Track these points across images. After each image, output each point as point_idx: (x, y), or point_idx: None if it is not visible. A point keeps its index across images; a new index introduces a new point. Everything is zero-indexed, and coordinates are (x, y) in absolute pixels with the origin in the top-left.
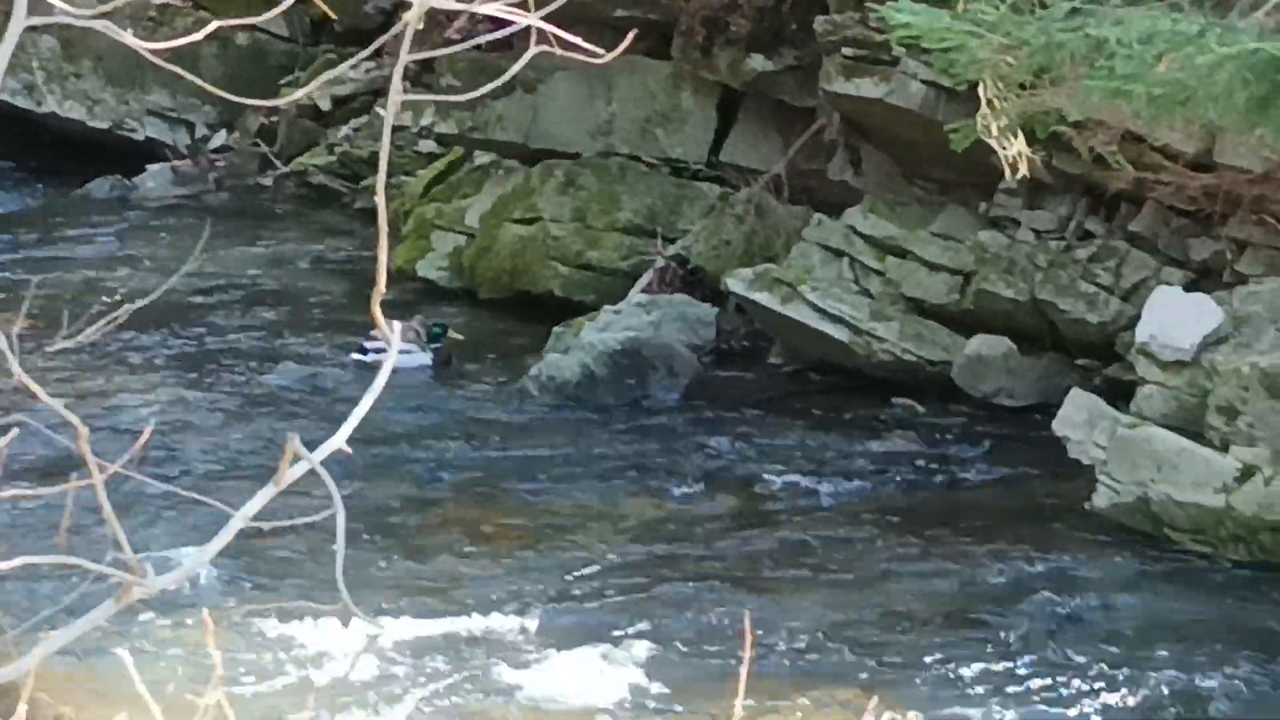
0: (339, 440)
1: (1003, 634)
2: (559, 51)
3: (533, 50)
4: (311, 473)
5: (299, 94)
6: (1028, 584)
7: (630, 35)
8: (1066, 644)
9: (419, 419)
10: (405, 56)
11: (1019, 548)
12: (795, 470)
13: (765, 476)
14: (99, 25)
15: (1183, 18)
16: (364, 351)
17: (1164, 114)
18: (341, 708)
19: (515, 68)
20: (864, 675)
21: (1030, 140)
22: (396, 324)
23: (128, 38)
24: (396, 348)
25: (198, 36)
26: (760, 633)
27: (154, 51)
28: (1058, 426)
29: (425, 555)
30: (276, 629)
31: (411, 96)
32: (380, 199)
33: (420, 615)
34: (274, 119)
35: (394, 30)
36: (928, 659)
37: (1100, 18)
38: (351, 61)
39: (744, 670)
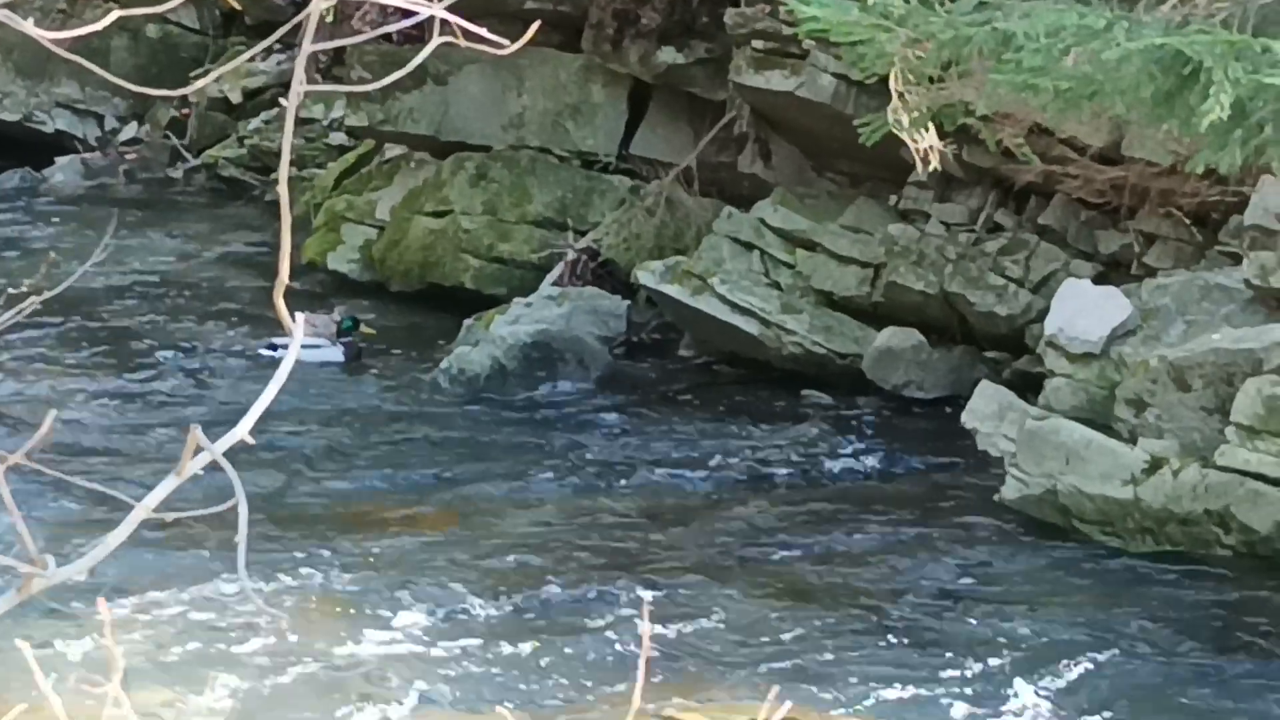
0: (242, 431)
1: (906, 625)
2: (464, 43)
3: (436, 41)
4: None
5: (200, 84)
6: (934, 575)
7: (534, 26)
8: (970, 634)
9: (329, 412)
10: (308, 47)
11: (927, 539)
12: (704, 462)
13: (675, 468)
14: None
15: (1089, 12)
16: (273, 348)
17: (1071, 108)
18: (243, 695)
19: (418, 59)
20: (765, 665)
21: (940, 133)
22: (301, 316)
23: (28, 27)
24: (299, 340)
25: (98, 26)
26: (662, 622)
27: (59, 42)
28: (967, 418)
29: (331, 546)
30: (178, 618)
31: (314, 87)
32: (283, 189)
33: (324, 604)
34: (185, 111)
35: (296, 20)
36: (831, 649)
37: (1007, 11)
38: (253, 51)
39: (643, 659)
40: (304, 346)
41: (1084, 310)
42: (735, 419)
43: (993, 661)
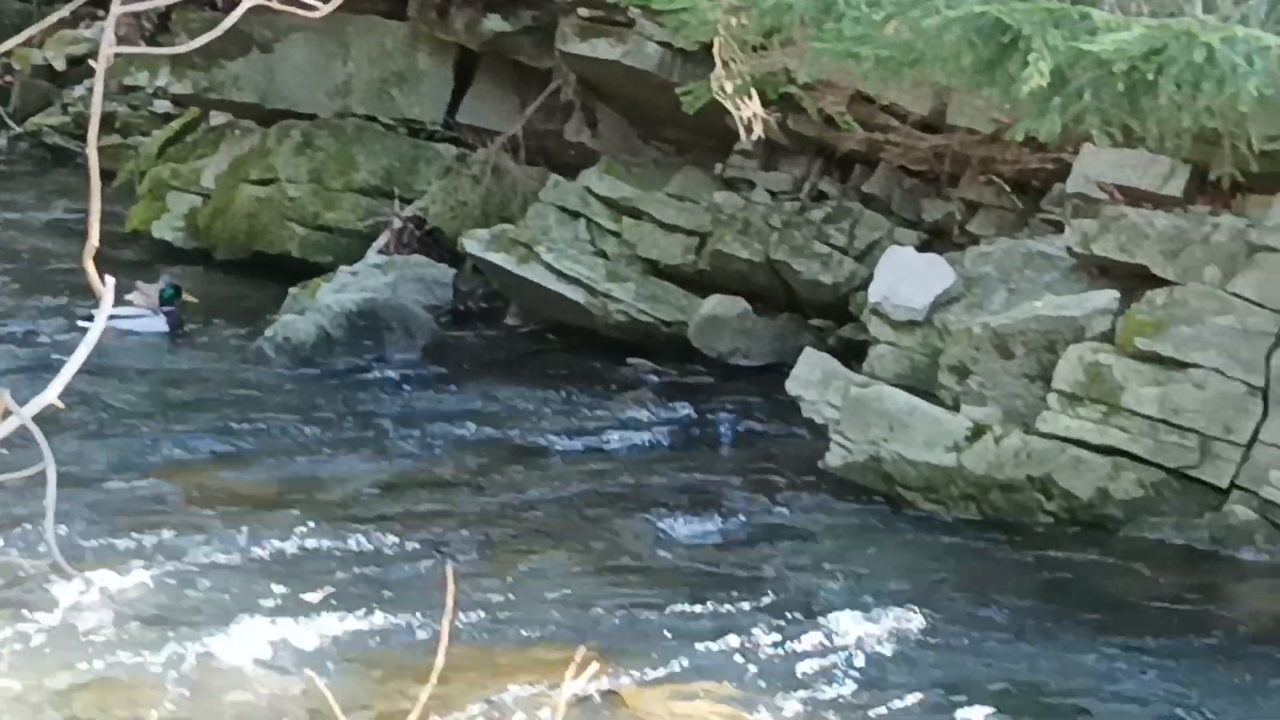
0: (51, 395)
1: (718, 582)
2: (279, 7)
3: (248, 2)
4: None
5: (9, 44)
6: (755, 541)
7: None
8: (780, 592)
9: (149, 379)
10: (117, 9)
11: (749, 506)
12: (530, 430)
13: (500, 436)
14: None
15: None
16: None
17: (892, 76)
18: (45, 666)
19: (228, 21)
20: (575, 630)
21: (763, 101)
22: (111, 280)
23: None
24: (109, 303)
25: None
26: (470, 583)
27: None
28: (791, 386)
29: (148, 517)
30: None
31: (126, 49)
32: (92, 152)
33: (136, 576)
34: (8, 79)
35: None
36: (643, 614)
37: None
38: (59, 13)
39: (445, 623)
40: (127, 317)
41: (907, 278)
42: (561, 386)
43: (798, 616)
